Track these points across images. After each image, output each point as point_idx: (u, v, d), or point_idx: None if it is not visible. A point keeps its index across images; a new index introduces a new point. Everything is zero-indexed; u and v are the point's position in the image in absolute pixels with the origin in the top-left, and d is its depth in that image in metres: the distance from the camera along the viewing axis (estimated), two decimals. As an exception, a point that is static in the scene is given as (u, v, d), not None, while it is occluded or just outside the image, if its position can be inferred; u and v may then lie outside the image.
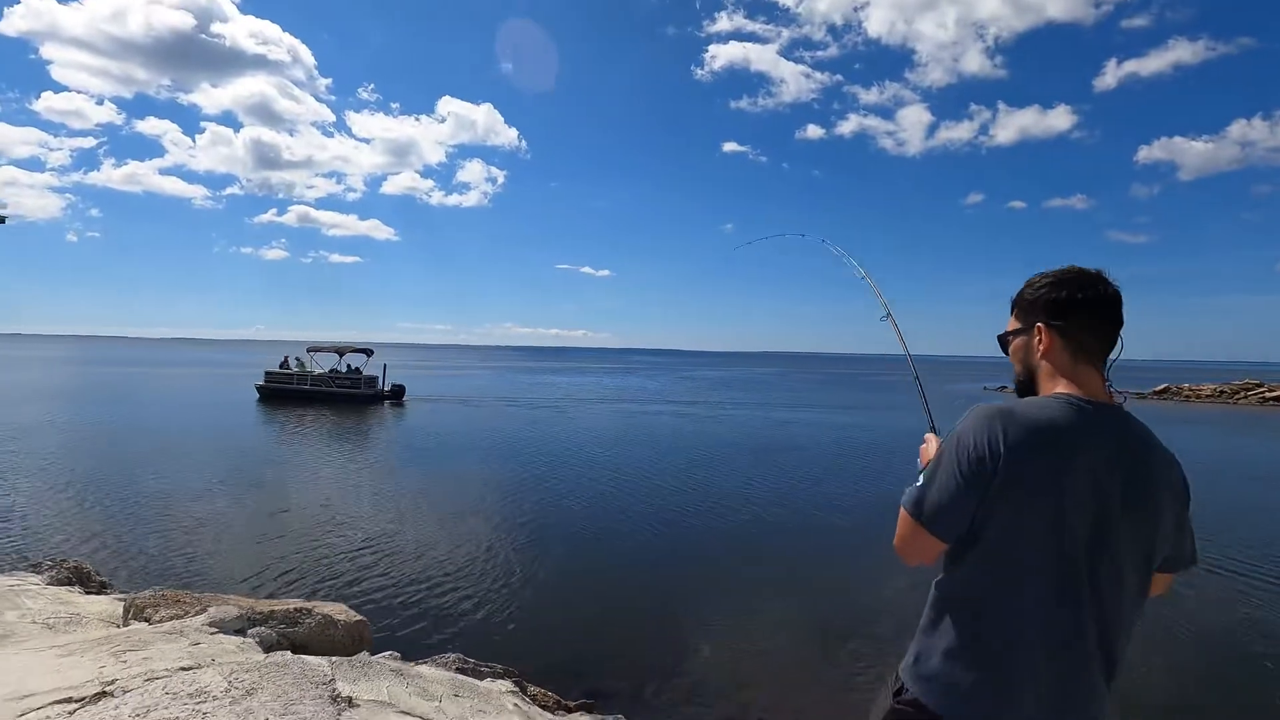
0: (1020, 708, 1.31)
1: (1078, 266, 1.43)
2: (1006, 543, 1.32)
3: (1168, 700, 4.71)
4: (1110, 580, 1.31)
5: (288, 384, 27.08)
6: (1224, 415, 30.22)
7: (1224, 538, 8.75)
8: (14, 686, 2.36)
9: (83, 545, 7.25)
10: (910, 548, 1.42)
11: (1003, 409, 1.34)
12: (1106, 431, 1.33)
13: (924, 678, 1.40)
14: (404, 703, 2.49)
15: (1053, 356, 1.41)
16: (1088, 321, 1.39)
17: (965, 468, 1.32)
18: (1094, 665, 1.32)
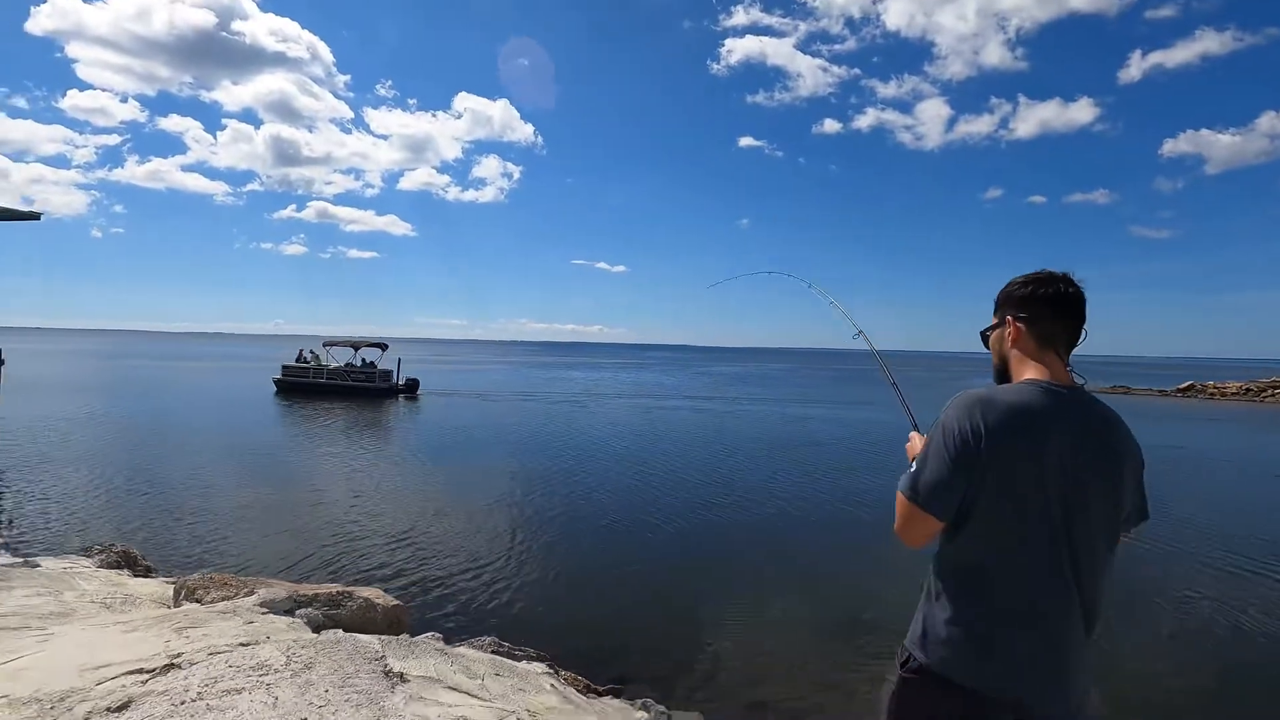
0: (1016, 662, 1.45)
1: (1048, 269, 1.61)
2: (995, 515, 1.47)
3: (1186, 703, 4.73)
4: (1086, 541, 1.47)
5: (304, 377, 27.58)
6: (1250, 413, 29.70)
7: (1245, 537, 8.68)
8: (88, 658, 2.50)
9: (124, 532, 7.48)
10: (910, 529, 1.56)
11: (981, 396, 1.51)
12: (1073, 411, 1.50)
13: (928, 645, 1.54)
14: (450, 679, 2.61)
15: (1021, 345, 1.60)
16: (1051, 315, 1.57)
17: (953, 450, 1.47)
18: (1078, 618, 1.48)
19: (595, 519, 8.97)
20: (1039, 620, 1.47)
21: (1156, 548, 7.92)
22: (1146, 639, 5.59)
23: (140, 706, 2.14)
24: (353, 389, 26.74)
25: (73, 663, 2.46)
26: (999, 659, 1.47)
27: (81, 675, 2.35)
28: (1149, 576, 7.01)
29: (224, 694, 2.23)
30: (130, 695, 2.20)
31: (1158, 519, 6.49)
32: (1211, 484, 12.68)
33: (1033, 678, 1.46)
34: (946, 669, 1.50)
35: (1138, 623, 5.88)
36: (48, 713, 2.08)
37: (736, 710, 4.44)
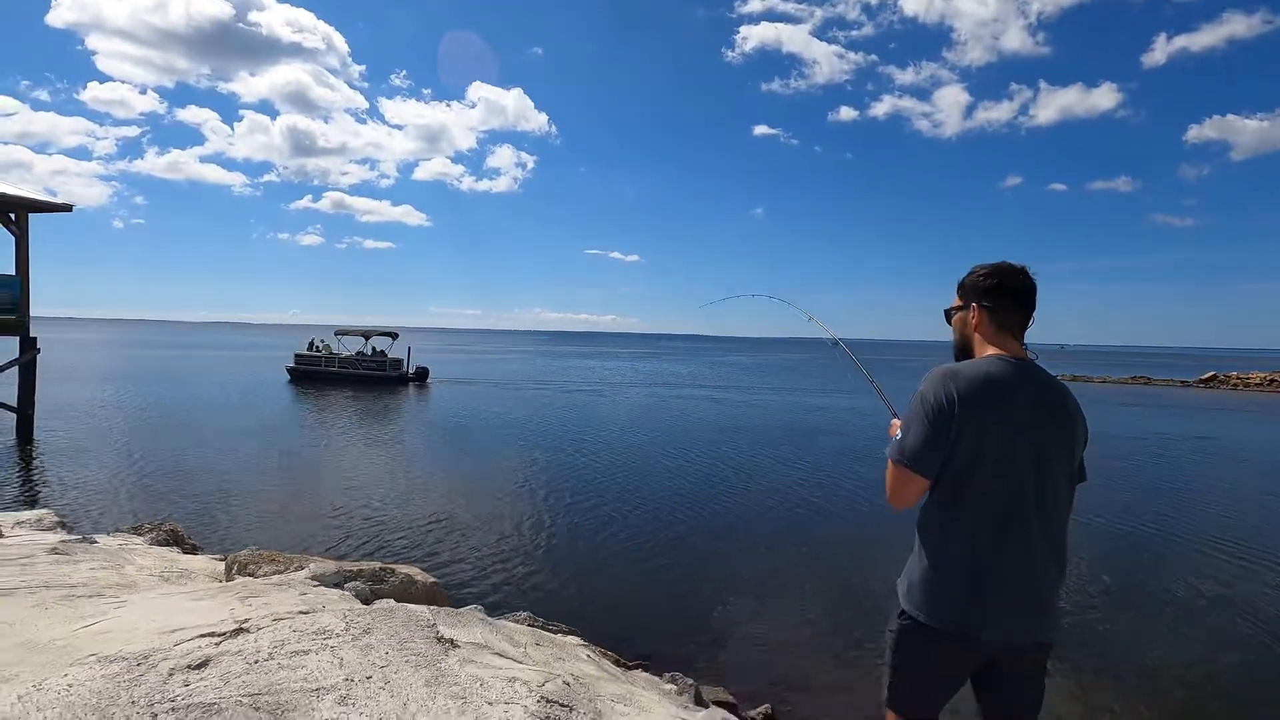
0: (994, 604, 1.65)
1: (1008, 262, 1.84)
2: (968, 471, 1.67)
3: (1190, 693, 4.82)
4: (1051, 490, 1.69)
5: (316, 366, 28.22)
6: (1274, 404, 29.30)
7: (1261, 528, 8.70)
8: (163, 622, 2.69)
9: (163, 512, 7.76)
10: (900, 491, 1.77)
11: (951, 369, 1.74)
12: (1030, 379, 1.73)
13: (913, 596, 1.74)
14: (496, 646, 2.77)
15: (982, 329, 1.83)
16: (1011, 304, 1.80)
17: (932, 416, 1.68)
18: (1049, 558, 1.69)
19: (615, 503, 9.16)
20: (1017, 566, 1.66)
21: (1202, 544, 7.96)
22: (1169, 631, 5.68)
23: (218, 664, 2.32)
24: (364, 377, 27.30)
25: (149, 626, 2.64)
26: (986, 605, 1.65)
27: (159, 637, 2.53)
28: (1193, 569, 7.07)
29: (292, 654, 2.40)
30: (207, 655, 2.38)
31: (1204, 512, 6.51)
32: (1244, 473, 12.63)
33: (1022, 615, 1.66)
34: (935, 619, 1.69)
35: (1171, 615, 5.96)
36: (135, 668, 2.26)
37: (759, 684, 4.60)
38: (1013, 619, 1.66)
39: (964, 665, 1.75)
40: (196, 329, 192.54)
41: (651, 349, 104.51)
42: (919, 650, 1.74)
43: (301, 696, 2.14)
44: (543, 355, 66.11)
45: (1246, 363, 61.73)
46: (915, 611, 1.73)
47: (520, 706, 2.15)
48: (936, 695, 1.77)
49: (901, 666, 1.78)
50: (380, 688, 2.22)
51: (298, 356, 28.83)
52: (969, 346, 1.87)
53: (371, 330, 29.63)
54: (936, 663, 1.74)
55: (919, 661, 1.75)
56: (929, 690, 1.77)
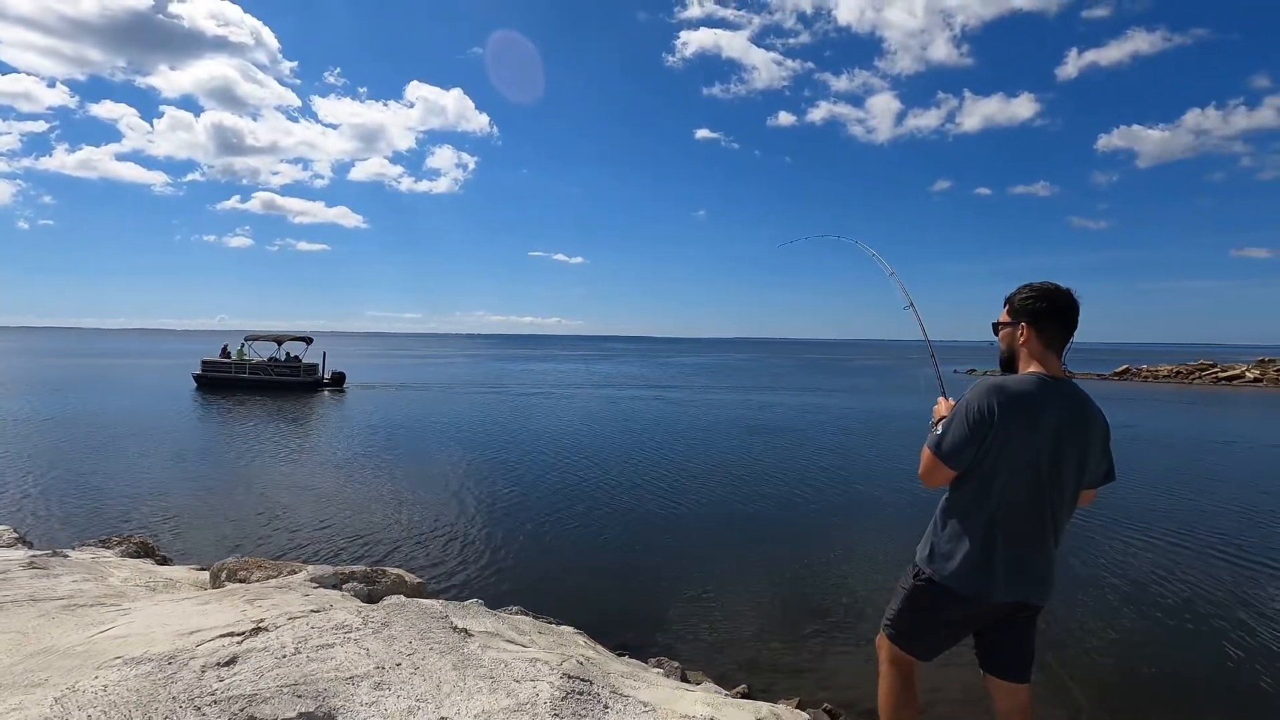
0: (1004, 573, 2.02)
1: (1054, 284, 2.12)
2: (997, 471, 2.02)
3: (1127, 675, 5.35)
4: (1059, 490, 2.04)
5: (225, 372, 27.28)
6: (1180, 393, 31.73)
7: (1193, 506, 9.54)
8: (178, 625, 2.74)
9: (99, 525, 7.53)
10: (932, 475, 2.13)
11: (997, 384, 2.04)
12: (1062, 398, 2.03)
13: (935, 563, 2.11)
14: (506, 635, 2.93)
15: (1029, 346, 2.11)
16: (1056, 326, 2.08)
17: (972, 423, 2.01)
18: (1050, 541, 2.06)
19: (573, 501, 9.33)
20: (1027, 547, 2.03)
21: (1117, 521, 8.67)
22: (1101, 609, 6.23)
23: (247, 661, 2.41)
24: (276, 383, 26.67)
25: (165, 630, 2.69)
26: (999, 577, 2.02)
27: (179, 639, 2.59)
28: (1104, 549, 7.71)
29: (318, 648, 2.51)
30: (234, 653, 2.46)
31: (1120, 493, 7.18)
32: (1165, 458, 13.71)
33: (1027, 585, 2.04)
34: (951, 582, 2.06)
35: (1091, 594, 6.52)
36: (166, 667, 2.34)
37: (732, 666, 4.86)
38: (1016, 587, 2.03)
39: (969, 622, 2.15)
40: (113, 336, 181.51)
41: (599, 350, 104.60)
42: (932, 605, 2.12)
43: (338, 684, 2.26)
44: (487, 359, 65.38)
45: (1158, 356, 66.39)
46: (934, 573, 2.10)
47: (546, 683, 2.33)
48: (939, 643, 2.18)
49: (914, 616, 2.17)
50: (412, 673, 2.36)
51: (205, 363, 27.85)
52: (1014, 359, 2.15)
53: (284, 335, 29.01)
54: (945, 617, 2.12)
55: (930, 613, 2.13)
56: (935, 638, 2.18)
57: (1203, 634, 5.38)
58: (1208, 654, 5.05)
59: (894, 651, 2.24)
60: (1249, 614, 5.71)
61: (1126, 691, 4.56)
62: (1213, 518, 8.88)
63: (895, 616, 2.23)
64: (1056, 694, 4.43)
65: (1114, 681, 4.68)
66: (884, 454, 13.76)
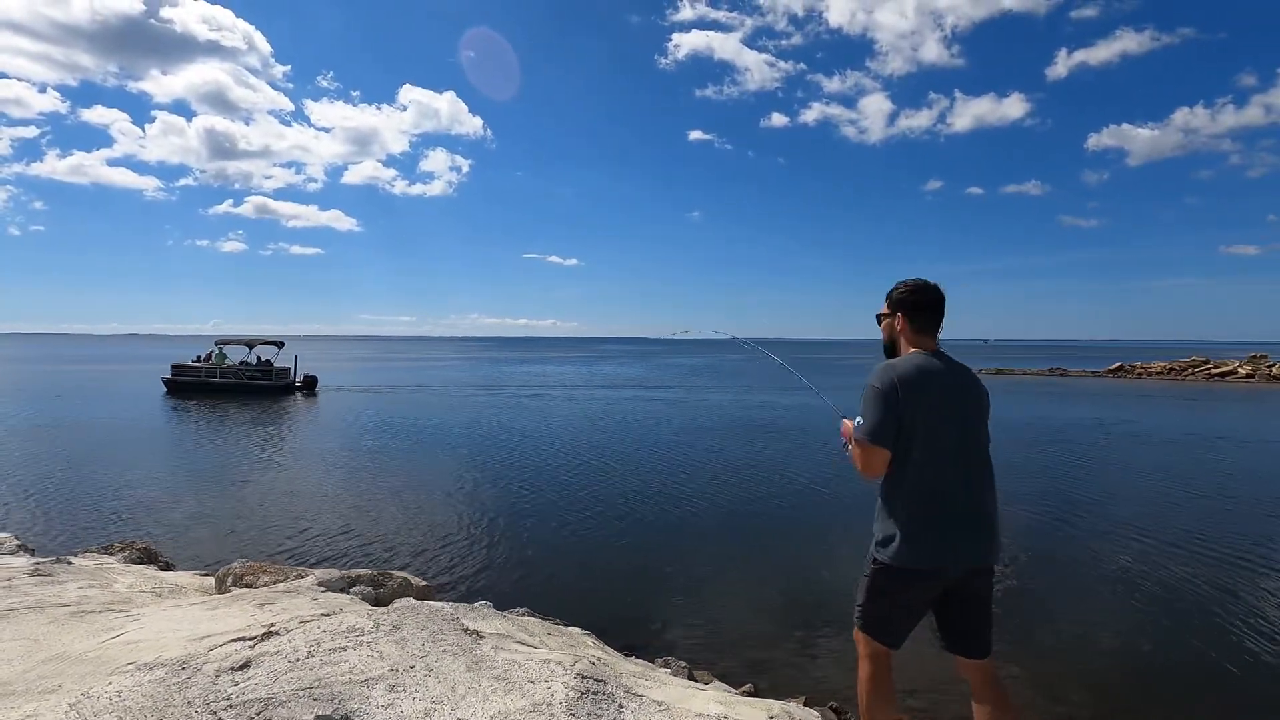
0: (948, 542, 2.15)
1: (923, 279, 2.41)
2: (914, 441, 2.18)
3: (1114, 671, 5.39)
4: (976, 448, 2.25)
5: (195, 377, 27.25)
6: (1174, 390, 31.90)
7: (1190, 501, 9.60)
8: (189, 630, 2.74)
9: (90, 533, 7.50)
10: (870, 464, 2.25)
11: (890, 364, 2.28)
12: (946, 367, 2.28)
13: (882, 546, 2.24)
14: (517, 636, 2.94)
15: (906, 333, 2.39)
16: (926, 314, 2.36)
17: (882, 399, 2.20)
18: (983, 502, 2.22)
19: (571, 502, 9.32)
20: (962, 510, 2.18)
21: (1122, 516, 8.71)
22: (1084, 605, 6.26)
23: (260, 664, 2.41)
24: (247, 387, 26.65)
25: (176, 635, 2.69)
26: (943, 544, 2.16)
27: (191, 644, 2.59)
28: (1108, 546, 7.76)
29: (331, 651, 2.52)
30: (246, 657, 2.46)
31: (1129, 488, 7.21)
32: (1168, 454, 13.78)
33: (972, 547, 2.18)
34: (902, 561, 2.19)
35: (1082, 591, 6.55)
36: (179, 673, 2.33)
37: (736, 665, 4.86)
38: (963, 550, 2.17)
39: (925, 597, 2.26)
40: (104, 342, 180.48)
41: (594, 352, 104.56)
42: (889, 588, 2.25)
43: (353, 687, 2.27)
44: (481, 361, 65.27)
45: (1149, 353, 66.74)
46: (885, 558, 2.22)
47: (560, 683, 2.34)
48: (903, 625, 2.31)
49: (877, 603, 2.29)
50: (426, 675, 2.36)
51: (175, 367, 27.85)
52: (895, 345, 2.43)
53: (255, 339, 29.05)
54: (905, 599, 2.25)
55: (890, 597, 2.26)
56: (898, 620, 2.29)
57: (1202, 630, 5.42)
58: (1208, 651, 5.09)
59: (869, 644, 2.34)
60: (1247, 611, 5.75)
61: (1122, 688, 4.59)
62: (1217, 514, 8.94)
63: (862, 607, 2.36)
64: (1051, 690, 4.46)
65: (1110, 679, 4.71)
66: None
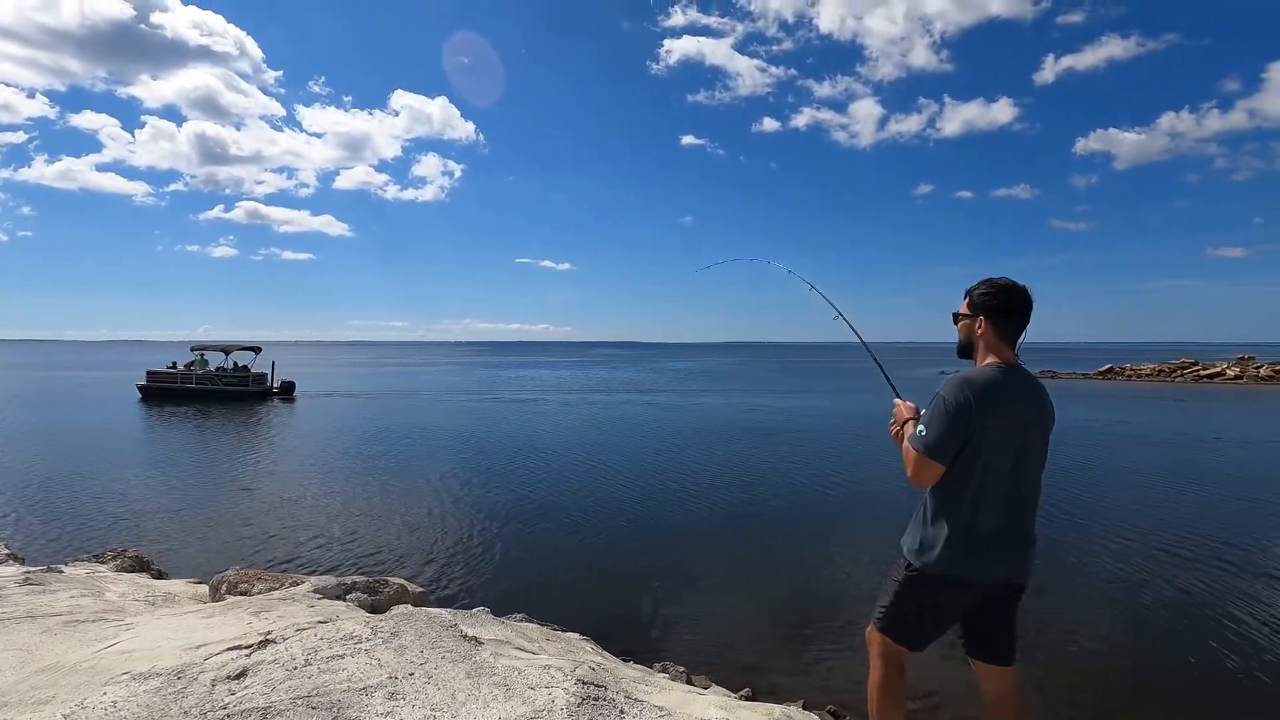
0: (988, 557, 2.12)
1: (1009, 280, 2.24)
2: (975, 458, 2.11)
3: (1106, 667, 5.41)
4: (1031, 470, 2.19)
5: (171, 383, 27.13)
6: (1164, 391, 32.13)
7: (1177, 500, 9.66)
8: (184, 639, 2.71)
9: (80, 541, 7.42)
10: (921, 474, 2.18)
11: (965, 378, 2.15)
12: (1021, 384, 2.17)
13: (924, 554, 2.19)
14: (516, 642, 2.92)
15: (987, 339, 2.24)
16: (1010, 321, 2.21)
17: (953, 416, 2.10)
18: (1027, 521, 2.19)
19: (567, 507, 9.29)
20: (1007, 527, 2.15)
21: (1116, 516, 8.75)
22: (1074, 604, 6.29)
23: (257, 673, 2.39)
24: (223, 393, 26.55)
25: (171, 644, 2.66)
26: (985, 558, 2.13)
27: (186, 653, 2.56)
28: (1101, 545, 7.79)
29: (329, 659, 2.49)
30: (243, 666, 2.44)
31: (1121, 489, 7.25)
32: (1160, 454, 13.87)
33: (1011, 564, 2.15)
34: (940, 570, 2.15)
35: (1070, 590, 6.58)
36: (175, 682, 2.31)
37: (734, 669, 4.84)
38: (1002, 567, 2.14)
39: (958, 607, 2.23)
40: (93, 349, 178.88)
41: (588, 356, 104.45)
42: (923, 595, 2.20)
43: (351, 695, 2.24)
44: (475, 366, 65.09)
45: (1139, 355, 67.26)
46: (921, 564, 2.18)
47: (561, 689, 2.32)
48: (931, 632, 2.27)
49: (905, 607, 2.24)
50: (425, 682, 2.34)
51: (150, 374, 27.71)
52: (972, 349, 2.29)
53: (232, 345, 29.07)
54: (935, 605, 2.21)
55: (921, 603, 2.22)
56: (927, 627, 2.25)
57: (1198, 630, 5.45)
58: (1203, 650, 5.11)
59: (885, 644, 2.31)
60: (1241, 610, 5.78)
61: (1120, 688, 4.60)
62: (1211, 514, 9.00)
63: (887, 609, 2.30)
64: (1050, 689, 4.47)
65: (1109, 677, 4.72)
66: (872, 455, 13.83)
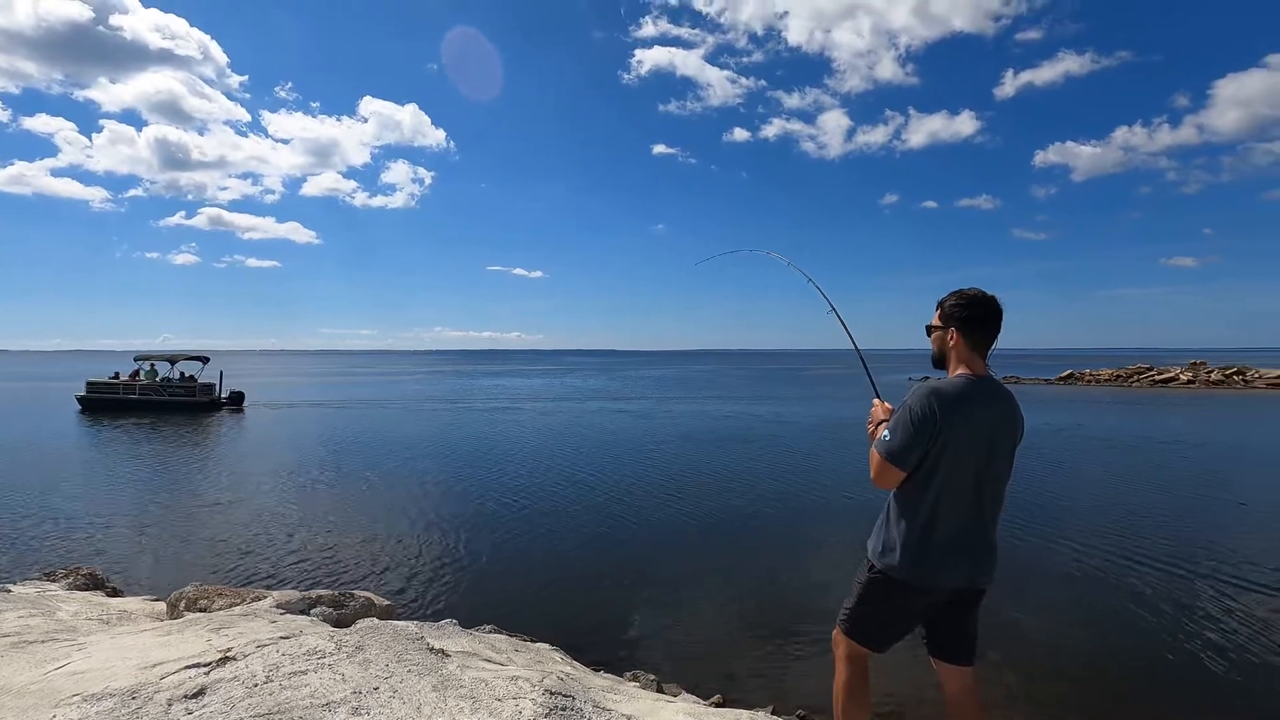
0: (950, 561, 2.17)
1: (980, 291, 2.28)
2: (939, 466, 2.16)
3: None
4: (994, 480, 2.23)
5: (113, 394, 26.38)
6: (1121, 396, 33.14)
7: (1137, 498, 9.95)
8: (138, 658, 2.63)
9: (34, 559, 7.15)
10: (884, 478, 2.25)
11: (933, 387, 2.20)
12: (991, 396, 2.22)
13: (887, 555, 2.25)
14: (483, 654, 2.90)
15: (958, 350, 2.27)
16: (980, 331, 2.25)
17: (916, 425, 2.15)
18: (990, 527, 2.25)
19: (537, 517, 9.23)
20: (966, 535, 2.20)
21: (1074, 517, 8.97)
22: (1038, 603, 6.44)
23: (216, 691, 2.33)
24: (169, 404, 25.94)
25: (126, 664, 2.58)
26: (943, 564, 2.18)
27: (141, 672, 2.49)
28: (1059, 546, 7.98)
29: (291, 675, 2.44)
30: (201, 684, 2.38)
31: (1081, 491, 7.45)
32: (1117, 457, 14.26)
33: (968, 570, 2.20)
34: (901, 574, 2.20)
35: (1032, 588, 6.74)
36: (129, 702, 2.24)
37: (705, 677, 4.85)
38: (961, 572, 2.19)
39: (919, 610, 2.28)
40: (45, 359, 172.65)
41: (561, 364, 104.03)
42: (885, 597, 2.26)
43: (314, 711, 2.20)
44: (448, 375, 64.38)
45: (1097, 361, 69.28)
46: (885, 567, 2.23)
47: (528, 700, 2.31)
48: (894, 634, 2.33)
49: (868, 608, 2.30)
50: (390, 696, 2.31)
51: (90, 384, 26.84)
52: (945, 360, 2.34)
53: (178, 355, 28.46)
54: (897, 607, 2.26)
55: (884, 605, 2.27)
56: (889, 629, 2.32)
57: (1154, 627, 5.61)
58: (1159, 646, 5.27)
59: (850, 646, 2.36)
60: (1198, 607, 5.98)
61: (1079, 683, 4.72)
62: (1167, 514, 9.29)
63: (851, 611, 2.36)
64: (1011, 687, 4.57)
65: (1068, 675, 4.84)
66: (841, 459, 14.01)
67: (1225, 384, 37.97)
